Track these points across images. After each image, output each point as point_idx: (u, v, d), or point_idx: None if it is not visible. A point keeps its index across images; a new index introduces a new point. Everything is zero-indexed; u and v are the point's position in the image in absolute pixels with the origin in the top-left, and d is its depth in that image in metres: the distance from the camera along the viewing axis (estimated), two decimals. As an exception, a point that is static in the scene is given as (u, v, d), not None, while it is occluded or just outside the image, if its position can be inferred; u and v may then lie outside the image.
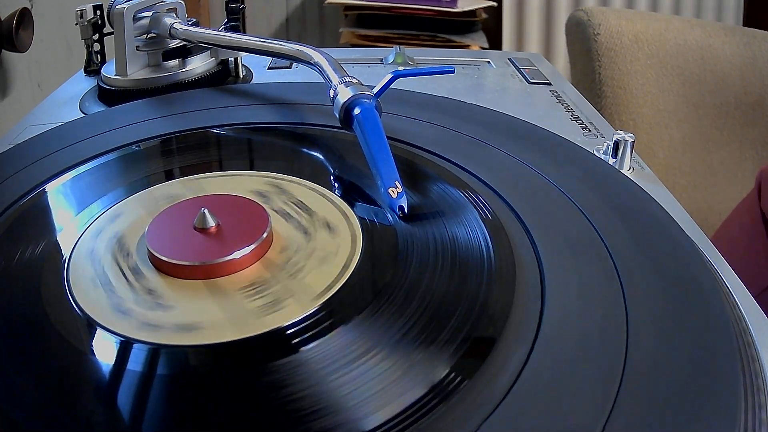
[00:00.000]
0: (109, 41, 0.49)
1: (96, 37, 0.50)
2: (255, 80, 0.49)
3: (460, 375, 0.19)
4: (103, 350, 0.21)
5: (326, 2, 1.41)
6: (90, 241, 0.26)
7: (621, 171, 0.34)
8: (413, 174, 0.30)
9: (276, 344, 0.21)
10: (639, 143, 0.71)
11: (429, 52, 0.58)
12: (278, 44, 0.40)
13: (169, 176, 0.31)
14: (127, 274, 0.24)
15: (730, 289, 0.26)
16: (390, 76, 0.34)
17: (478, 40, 1.35)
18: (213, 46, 0.46)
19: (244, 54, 0.48)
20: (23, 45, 0.61)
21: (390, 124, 0.34)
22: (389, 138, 0.30)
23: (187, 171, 0.32)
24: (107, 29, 0.49)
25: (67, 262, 0.25)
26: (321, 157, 0.34)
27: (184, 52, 0.46)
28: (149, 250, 0.25)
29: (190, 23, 0.46)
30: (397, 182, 0.27)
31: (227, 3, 0.50)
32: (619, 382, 0.19)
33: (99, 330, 0.22)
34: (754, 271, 0.56)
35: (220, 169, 0.32)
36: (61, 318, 0.22)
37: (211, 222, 0.25)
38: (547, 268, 0.24)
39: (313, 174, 0.31)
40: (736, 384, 0.19)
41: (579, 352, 0.20)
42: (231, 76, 0.48)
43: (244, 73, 0.49)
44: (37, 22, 0.63)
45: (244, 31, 0.52)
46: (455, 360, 0.20)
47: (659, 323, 0.22)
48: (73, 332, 0.22)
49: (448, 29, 1.34)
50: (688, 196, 0.85)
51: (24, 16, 0.60)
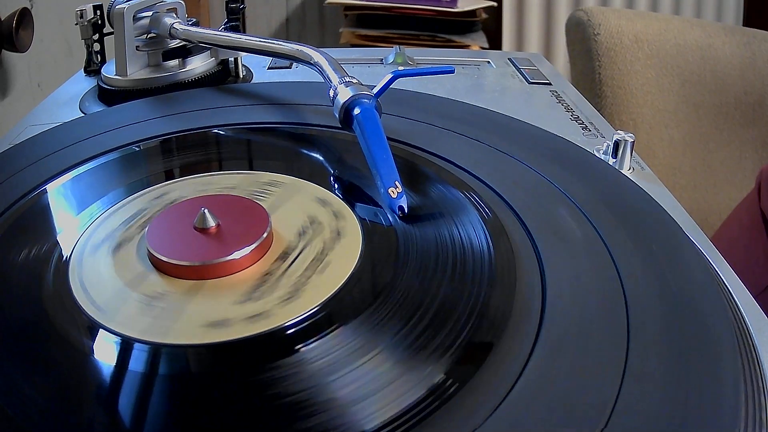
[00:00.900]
0: (109, 41, 0.49)
1: (96, 37, 0.50)
2: (255, 80, 0.49)
3: (460, 376, 0.19)
4: (104, 351, 0.21)
5: (326, 2, 1.41)
6: (90, 242, 0.26)
7: (621, 171, 0.34)
8: (413, 174, 0.30)
9: (276, 345, 0.21)
10: (639, 143, 0.71)
11: (429, 52, 0.58)
12: (278, 44, 0.40)
13: (169, 176, 0.31)
14: (126, 274, 0.24)
15: (730, 289, 0.26)
16: (390, 76, 0.34)
17: (478, 40, 1.35)
18: (213, 46, 0.46)
19: (244, 54, 0.48)
20: (23, 45, 0.61)
21: (390, 124, 0.34)
22: (389, 138, 0.30)
23: (186, 171, 0.32)
24: (107, 29, 0.49)
25: (67, 263, 0.25)
26: (321, 157, 0.34)
27: (184, 52, 0.46)
28: (149, 250, 0.25)
29: (190, 23, 0.46)
30: (396, 182, 0.27)
31: (227, 3, 0.50)
32: (620, 383, 0.19)
33: (100, 330, 0.22)
34: (754, 271, 0.56)
35: (220, 169, 0.32)
36: (61, 318, 0.22)
37: (211, 222, 0.25)
38: (548, 269, 0.24)
39: (313, 174, 0.31)
40: (736, 385, 0.19)
41: (579, 354, 0.20)
42: (231, 76, 0.48)
43: (244, 73, 0.49)
44: (37, 22, 0.63)
45: (244, 31, 0.52)
46: (455, 361, 0.20)
47: (660, 324, 0.22)
48: (74, 333, 0.22)
49: (448, 29, 1.34)
50: (688, 196, 0.85)
51: (24, 16, 0.60)
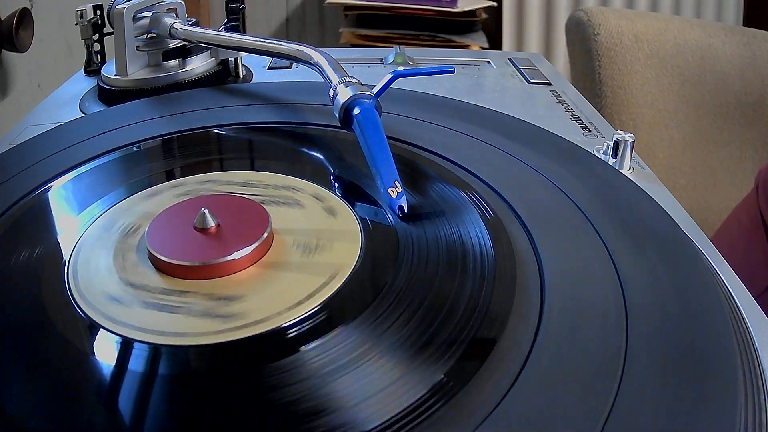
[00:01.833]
0: (109, 41, 0.49)
1: (96, 37, 0.50)
2: (255, 80, 0.49)
3: (460, 375, 0.19)
4: (104, 351, 0.21)
5: (326, 2, 1.41)
6: (90, 242, 0.26)
7: (621, 171, 0.34)
8: (413, 174, 0.30)
9: (276, 345, 0.21)
10: (639, 143, 0.71)
11: (429, 52, 0.58)
12: (278, 44, 0.40)
13: (169, 176, 0.31)
14: (126, 274, 0.24)
15: (730, 289, 0.26)
16: (390, 76, 0.34)
17: (478, 40, 1.35)
18: (213, 46, 0.46)
19: (244, 54, 0.48)
20: (23, 45, 0.61)
21: (390, 124, 0.34)
22: (389, 138, 0.30)
23: (187, 171, 0.32)
24: (107, 29, 0.49)
25: (67, 263, 0.25)
26: (321, 157, 0.34)
27: (184, 52, 0.46)
28: (149, 250, 0.25)
29: (190, 23, 0.46)
30: (396, 182, 0.27)
31: (227, 3, 0.50)
32: (619, 383, 0.19)
33: (100, 330, 0.22)
34: (753, 273, 0.56)
35: (221, 169, 0.32)
36: (61, 318, 0.22)
37: (211, 222, 0.25)
38: (547, 269, 0.24)
39: (313, 174, 0.31)
40: (736, 385, 0.19)
41: (579, 353, 0.20)
42: (231, 76, 0.48)
43: (244, 73, 0.49)
44: (37, 22, 0.63)
45: (244, 31, 0.52)
46: (455, 360, 0.20)
47: (659, 324, 0.22)
48: (74, 333, 0.22)
49: (448, 29, 1.34)
50: (688, 196, 0.85)
51: (24, 16, 0.60)
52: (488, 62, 0.55)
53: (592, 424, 0.18)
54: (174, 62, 0.46)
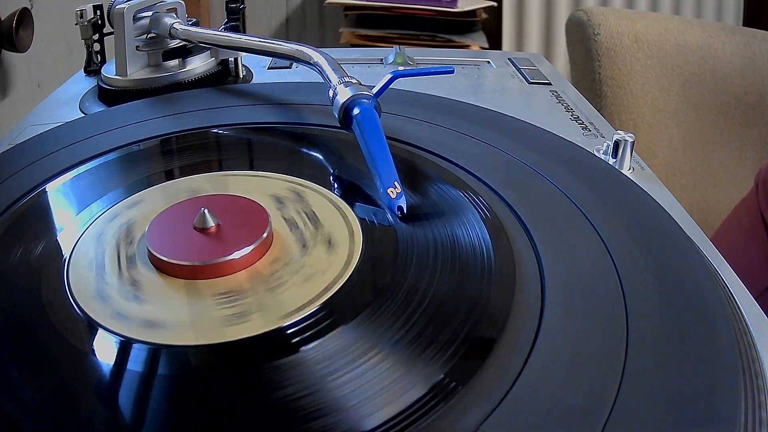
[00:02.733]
0: (109, 41, 0.49)
1: (96, 37, 0.50)
2: (255, 80, 0.49)
3: (460, 375, 0.19)
4: (103, 350, 0.21)
5: (326, 2, 1.41)
6: (90, 241, 0.26)
7: (621, 171, 0.34)
8: (413, 174, 0.30)
9: (276, 345, 0.21)
10: (639, 143, 0.71)
11: (429, 52, 0.58)
12: (278, 44, 0.40)
13: (169, 176, 0.31)
14: (127, 274, 0.24)
15: (730, 289, 0.26)
16: (389, 76, 0.34)
17: (478, 40, 1.35)
18: (213, 46, 0.46)
19: (244, 54, 0.48)
20: (23, 45, 0.61)
21: (389, 124, 0.34)
22: (389, 138, 0.30)
23: (187, 171, 0.32)
24: (107, 29, 0.49)
25: (67, 262, 0.25)
26: (321, 157, 0.34)
27: (184, 52, 0.46)
28: (149, 250, 0.25)
29: (190, 23, 0.46)
30: (396, 182, 0.27)
31: (227, 3, 0.50)
32: (619, 383, 0.19)
33: (99, 330, 0.22)
34: (753, 273, 0.56)
35: (220, 169, 0.32)
36: (61, 318, 0.22)
37: (211, 222, 0.25)
38: (547, 269, 0.24)
39: (313, 174, 0.31)
40: (736, 384, 0.19)
41: (579, 353, 0.20)
42: (231, 76, 0.48)
43: (244, 73, 0.49)
44: (37, 22, 0.63)
45: (244, 31, 0.52)
46: (455, 360, 0.20)
47: (659, 323, 0.22)
48: (73, 332, 0.22)
49: (448, 29, 1.34)
50: (688, 196, 0.85)
51: (24, 16, 0.60)
52: (488, 62, 0.55)
53: (593, 423, 0.18)
54: (174, 62, 0.46)
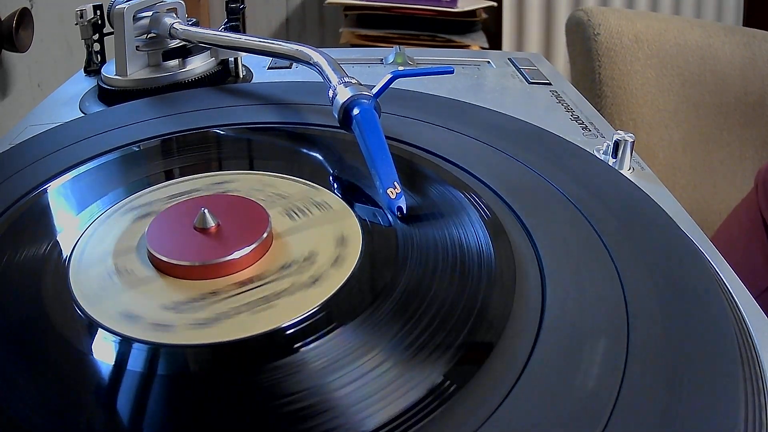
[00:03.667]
0: (109, 41, 0.49)
1: (96, 37, 0.50)
2: (255, 80, 0.49)
3: (460, 377, 0.19)
4: (103, 350, 0.21)
5: (326, 2, 1.41)
6: (90, 241, 0.26)
7: (621, 171, 0.34)
8: (412, 174, 0.30)
9: (276, 345, 0.21)
10: (639, 143, 0.71)
11: (429, 52, 0.58)
12: (278, 44, 0.40)
13: (169, 176, 0.31)
14: (126, 274, 0.24)
15: (730, 289, 0.26)
16: (389, 76, 0.34)
17: (478, 40, 1.35)
18: (213, 46, 0.46)
19: (244, 54, 0.48)
20: (23, 45, 0.61)
21: (389, 124, 0.34)
22: (388, 138, 0.30)
23: (186, 171, 0.32)
24: (107, 29, 0.49)
25: (67, 262, 0.25)
26: (321, 157, 0.34)
27: (184, 52, 0.46)
28: (149, 250, 0.25)
29: (190, 23, 0.46)
30: (395, 183, 0.27)
31: (227, 3, 0.50)
32: (620, 384, 0.19)
33: (99, 330, 0.22)
34: (753, 273, 0.56)
35: (220, 169, 0.32)
36: (61, 318, 0.22)
37: (211, 222, 0.25)
38: (548, 269, 0.24)
39: (313, 174, 0.31)
40: (737, 385, 0.19)
41: (579, 355, 0.20)
42: (231, 76, 0.48)
43: (244, 73, 0.49)
44: (37, 22, 0.63)
45: (244, 31, 0.52)
46: (454, 362, 0.20)
47: (660, 324, 0.22)
48: (74, 333, 0.22)
49: (448, 29, 1.34)
50: (688, 196, 0.85)
51: (24, 16, 0.60)
52: (488, 62, 0.55)
53: (593, 426, 0.18)
54: (174, 62, 0.46)
